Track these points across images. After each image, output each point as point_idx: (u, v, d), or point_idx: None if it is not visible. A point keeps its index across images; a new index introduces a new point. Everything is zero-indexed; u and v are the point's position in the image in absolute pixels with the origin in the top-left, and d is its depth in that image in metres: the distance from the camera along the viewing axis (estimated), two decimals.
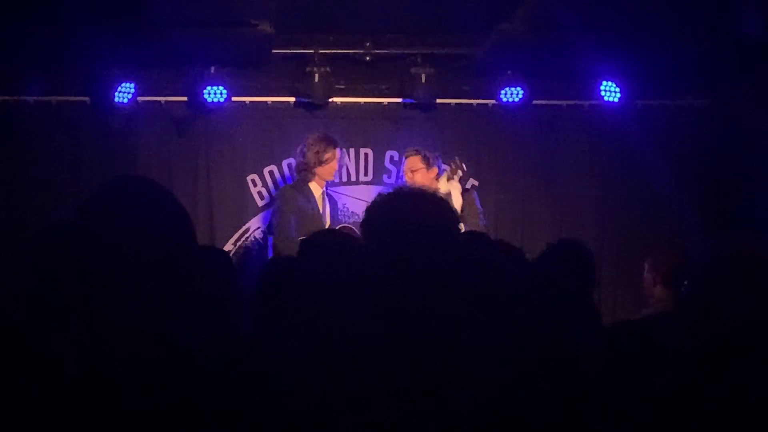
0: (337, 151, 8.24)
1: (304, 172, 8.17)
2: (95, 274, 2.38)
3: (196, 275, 2.50)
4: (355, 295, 2.72)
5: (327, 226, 8.00)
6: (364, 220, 2.86)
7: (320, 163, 8.12)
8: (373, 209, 2.83)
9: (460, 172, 8.23)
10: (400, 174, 8.65)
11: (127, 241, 2.35)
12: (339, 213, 8.79)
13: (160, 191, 2.47)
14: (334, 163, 8.20)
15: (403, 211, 2.76)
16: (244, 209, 9.38)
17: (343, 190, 9.50)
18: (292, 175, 9.39)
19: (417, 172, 8.25)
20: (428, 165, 8.30)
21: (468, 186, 9.31)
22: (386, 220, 2.76)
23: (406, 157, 8.47)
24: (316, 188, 8.19)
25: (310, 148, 8.14)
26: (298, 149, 8.26)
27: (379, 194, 2.89)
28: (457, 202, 8.06)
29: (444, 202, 2.88)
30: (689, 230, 8.96)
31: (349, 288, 2.76)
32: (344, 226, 8.03)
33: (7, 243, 8.67)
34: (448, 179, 8.19)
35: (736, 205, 9.03)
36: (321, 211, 8.15)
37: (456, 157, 8.35)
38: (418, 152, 8.36)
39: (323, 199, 8.25)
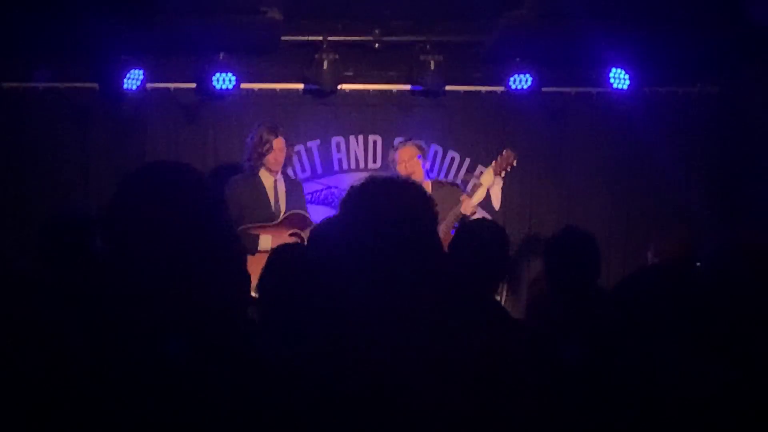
0: (281, 140, 8.10)
1: (252, 161, 8.06)
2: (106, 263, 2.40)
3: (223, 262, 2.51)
4: (359, 285, 2.71)
5: (282, 214, 7.96)
6: (338, 213, 2.81)
7: (265, 152, 8.01)
8: (345, 201, 2.79)
9: (509, 168, 7.86)
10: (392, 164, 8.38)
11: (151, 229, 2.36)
12: (307, 200, 8.69)
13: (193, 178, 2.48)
14: (277, 152, 8.05)
15: (376, 201, 2.72)
16: None
17: (353, 177, 9.50)
18: (300, 162, 9.41)
19: (414, 162, 8.07)
20: (423, 155, 8.20)
21: (477, 173, 9.30)
22: (358, 211, 2.73)
23: (398, 149, 8.22)
24: (266, 177, 8.04)
25: (256, 137, 8.03)
26: (248, 138, 8.16)
27: (352, 186, 2.83)
28: (496, 198, 7.87)
29: (419, 190, 2.81)
30: (697, 218, 8.93)
31: (354, 278, 2.75)
32: (294, 213, 7.97)
33: (16, 229, 8.68)
34: (495, 173, 7.83)
35: (746, 192, 9.02)
36: (272, 199, 8.03)
37: (507, 150, 7.96)
38: (412, 143, 8.20)
39: (275, 187, 8.12)
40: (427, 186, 7.74)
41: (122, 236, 2.38)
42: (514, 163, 7.85)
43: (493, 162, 7.92)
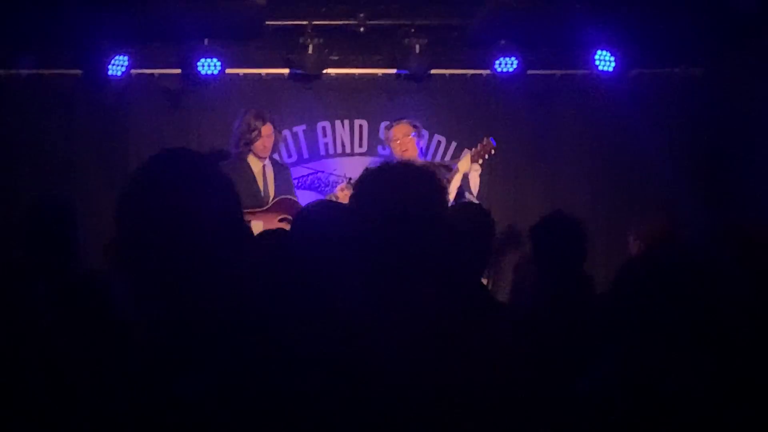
0: (269, 126, 8.10)
1: (240, 147, 8.06)
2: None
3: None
4: (344, 269, 2.73)
5: (271, 199, 7.98)
6: (352, 195, 2.87)
7: (253, 139, 8.01)
8: (361, 183, 2.84)
9: (486, 156, 7.92)
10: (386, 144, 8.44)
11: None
12: (294, 185, 8.71)
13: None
14: (265, 138, 8.06)
15: (391, 185, 2.76)
16: None
17: (339, 162, 9.51)
18: (286, 147, 9.41)
19: (408, 139, 8.14)
20: (418, 132, 8.24)
21: (473, 149, 9.30)
22: (373, 194, 2.77)
23: (393, 127, 8.29)
24: (254, 163, 8.06)
25: (243, 123, 8.04)
26: (234, 125, 8.16)
27: (367, 168, 2.89)
28: (474, 184, 7.93)
29: (432, 174, 2.87)
30: (680, 201, 8.95)
31: (339, 262, 2.77)
32: (283, 198, 7.98)
33: (0, 218, 8.66)
34: (473, 160, 7.90)
35: (730, 175, 9.04)
36: (261, 185, 8.04)
37: (489, 138, 8.01)
38: (406, 121, 8.26)
39: (263, 173, 8.13)
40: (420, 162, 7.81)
41: (137, 225, 2.38)
42: (492, 152, 7.90)
43: (472, 149, 7.97)
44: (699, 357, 2.68)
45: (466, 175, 7.87)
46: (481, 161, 7.88)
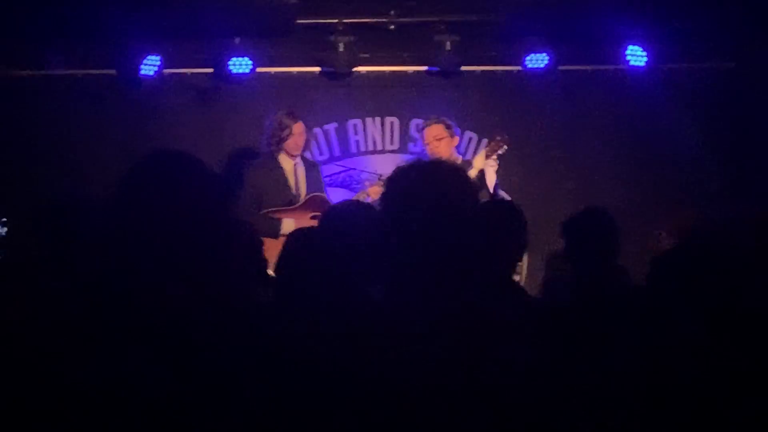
0: (300, 124, 8.11)
1: (272, 146, 8.07)
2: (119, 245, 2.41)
3: (222, 248, 2.52)
4: (374, 266, 2.74)
5: (302, 198, 7.99)
6: (384, 193, 2.88)
7: (285, 137, 8.01)
8: (392, 182, 2.84)
9: (500, 151, 7.96)
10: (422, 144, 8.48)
11: (153, 216, 2.37)
12: (326, 183, 8.72)
13: (193, 165, 2.50)
14: (297, 137, 8.07)
15: (422, 184, 2.77)
16: None
17: (370, 159, 9.52)
18: (317, 145, 9.43)
19: (442, 141, 8.16)
20: (451, 133, 8.25)
21: (486, 147, 9.30)
22: (405, 192, 2.78)
23: (426, 126, 8.31)
24: (286, 161, 8.04)
25: (275, 122, 8.04)
26: (266, 123, 8.16)
27: (398, 167, 2.90)
28: (490, 180, 7.94)
29: (462, 173, 2.88)
30: (712, 195, 8.91)
31: (368, 260, 2.78)
32: (315, 195, 7.99)
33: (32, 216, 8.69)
34: (487, 156, 7.94)
35: (762, 169, 8.98)
36: (293, 183, 8.05)
37: (503, 135, 8.04)
38: (440, 120, 8.28)
39: (294, 171, 8.14)
40: (458, 162, 7.86)
41: (128, 223, 2.40)
42: (506, 147, 7.90)
43: (486, 146, 8.00)
44: (731, 346, 2.68)
45: (482, 171, 7.88)
46: (495, 157, 7.91)
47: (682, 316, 2.81)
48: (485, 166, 7.90)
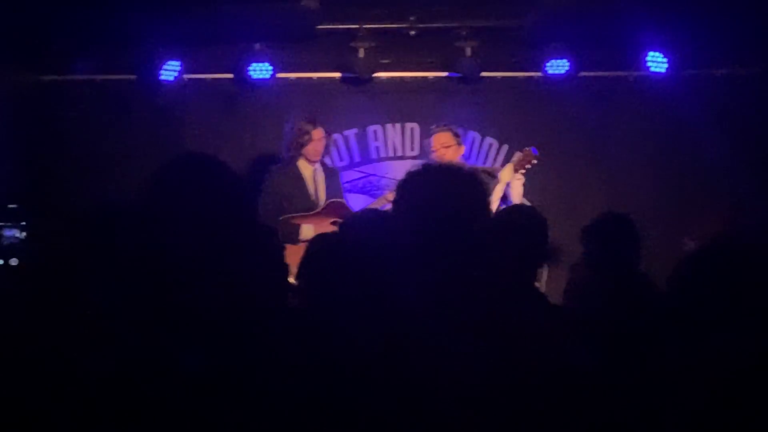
0: (320, 130, 8.07)
1: (291, 151, 8.05)
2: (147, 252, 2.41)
3: (248, 253, 2.52)
4: (395, 274, 2.73)
5: (321, 204, 7.95)
6: (395, 199, 2.86)
7: (304, 143, 8.00)
8: (403, 186, 2.83)
9: (529, 165, 7.80)
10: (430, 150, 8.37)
11: (180, 220, 2.37)
12: (346, 189, 8.72)
13: (218, 169, 2.49)
14: (316, 142, 8.05)
15: (433, 188, 2.76)
16: None
17: (390, 165, 9.52)
18: (337, 151, 9.43)
19: (449, 148, 8.09)
20: (459, 142, 8.20)
21: (515, 159, 9.28)
22: (416, 197, 2.76)
23: (434, 133, 8.19)
24: (305, 167, 8.02)
25: (295, 128, 8.02)
26: (286, 129, 8.14)
27: (408, 172, 2.87)
28: (516, 194, 7.81)
29: (474, 176, 2.85)
30: (737, 202, 8.86)
31: (389, 267, 2.77)
32: (334, 201, 7.96)
33: (55, 223, 8.72)
34: (515, 170, 7.78)
35: None
36: (313, 189, 8.03)
37: (531, 148, 7.87)
38: (448, 128, 8.22)
39: (314, 177, 8.13)
40: None
41: (154, 227, 2.40)
42: (534, 162, 7.80)
43: (513, 159, 7.92)
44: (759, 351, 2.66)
45: (509, 184, 7.80)
46: (523, 171, 7.82)
47: (710, 322, 2.79)
48: (512, 179, 7.81)
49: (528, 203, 7.71)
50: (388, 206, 7.67)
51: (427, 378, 2.44)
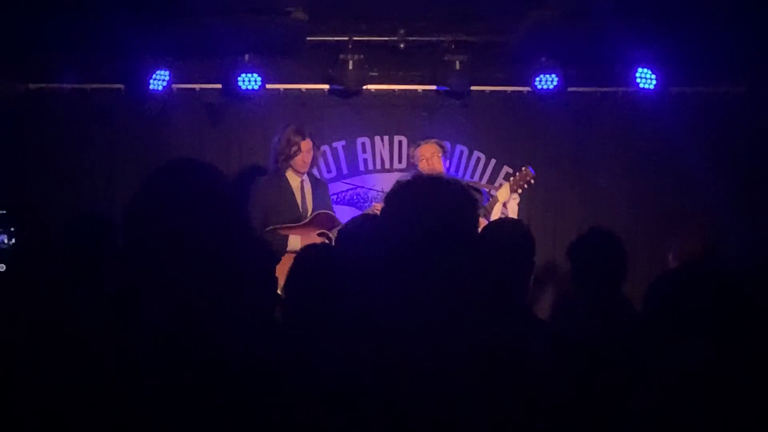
0: (308, 141, 8.06)
1: (279, 162, 8.05)
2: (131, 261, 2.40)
3: (237, 265, 2.51)
4: (375, 282, 2.72)
5: (309, 214, 7.94)
6: (383, 209, 2.86)
7: (292, 154, 8.00)
8: (391, 197, 2.83)
9: (525, 185, 7.83)
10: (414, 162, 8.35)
11: (168, 229, 2.37)
12: (333, 200, 8.71)
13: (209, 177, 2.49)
14: (305, 154, 8.04)
15: (422, 199, 2.76)
16: None
17: (378, 178, 9.52)
18: (325, 163, 9.42)
19: (436, 159, 8.11)
20: (444, 154, 8.22)
21: (503, 173, 9.30)
22: (402, 207, 2.76)
23: (419, 146, 8.24)
24: (293, 178, 8.03)
25: (283, 139, 8.02)
26: (274, 140, 8.14)
27: (398, 182, 2.88)
28: (512, 213, 7.75)
29: (463, 189, 2.85)
30: (721, 220, 8.88)
31: (371, 276, 2.76)
32: (322, 213, 7.96)
33: (41, 230, 8.71)
34: (512, 190, 7.81)
35: None
36: (299, 200, 8.02)
37: (528, 167, 7.92)
38: (434, 140, 8.24)
39: (301, 188, 8.12)
40: None
41: (143, 235, 2.39)
42: (531, 181, 7.81)
43: (511, 178, 7.92)
44: (739, 371, 2.66)
45: (505, 203, 7.80)
46: (520, 191, 7.82)
47: (689, 341, 2.80)
48: (509, 199, 7.80)
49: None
50: None
51: (413, 389, 2.44)
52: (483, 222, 7.07)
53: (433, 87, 9.53)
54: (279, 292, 4.25)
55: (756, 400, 2.70)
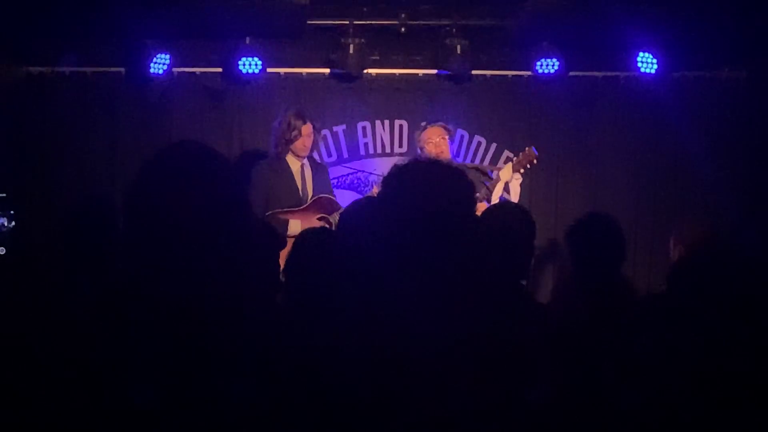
0: (309, 126, 8.05)
1: (280, 146, 8.04)
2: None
3: (241, 249, 2.51)
4: (375, 265, 2.72)
5: (309, 198, 7.93)
6: (380, 192, 2.86)
7: (292, 138, 7.98)
8: (388, 180, 2.83)
9: (528, 165, 7.79)
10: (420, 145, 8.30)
11: (170, 213, 2.36)
12: (334, 184, 8.69)
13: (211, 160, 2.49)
14: (305, 138, 8.03)
15: (419, 183, 2.75)
16: None
17: (378, 162, 9.51)
18: (326, 147, 9.42)
19: (444, 141, 8.06)
20: (451, 138, 8.19)
21: (503, 158, 9.28)
22: (399, 190, 2.76)
23: (424, 129, 8.15)
24: (293, 162, 8.01)
25: (284, 123, 8.01)
26: (274, 124, 8.13)
27: (395, 165, 2.88)
28: (515, 194, 7.75)
29: (459, 173, 2.85)
30: (723, 205, 8.88)
31: (371, 259, 2.76)
32: (322, 197, 7.95)
33: (44, 214, 8.72)
34: (514, 169, 7.76)
35: None
36: (300, 184, 8.02)
37: (531, 147, 7.87)
38: (439, 123, 8.19)
39: (302, 172, 8.12)
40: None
41: (143, 218, 2.39)
42: (535, 161, 7.79)
43: (514, 158, 7.90)
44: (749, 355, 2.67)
45: (507, 183, 7.78)
46: (522, 170, 7.80)
47: (697, 324, 2.80)
48: (511, 179, 7.79)
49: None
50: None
51: (413, 371, 2.44)
52: (484, 205, 7.10)
53: (434, 71, 9.52)
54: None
55: (756, 386, 2.70)
